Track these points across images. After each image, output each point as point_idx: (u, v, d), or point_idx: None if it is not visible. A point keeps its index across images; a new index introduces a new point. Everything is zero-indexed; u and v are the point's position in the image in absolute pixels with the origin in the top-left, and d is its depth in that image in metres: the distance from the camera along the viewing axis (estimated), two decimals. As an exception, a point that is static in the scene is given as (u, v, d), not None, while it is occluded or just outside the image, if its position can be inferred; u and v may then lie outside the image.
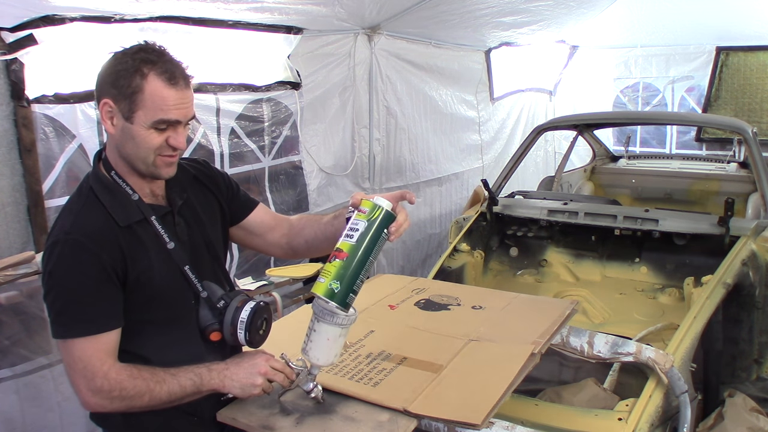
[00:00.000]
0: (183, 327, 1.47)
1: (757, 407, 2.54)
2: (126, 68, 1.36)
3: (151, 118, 1.36)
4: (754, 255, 2.88)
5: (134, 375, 1.37)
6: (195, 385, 1.40)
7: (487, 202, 3.65)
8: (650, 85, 6.86)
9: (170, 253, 1.46)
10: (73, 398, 2.55)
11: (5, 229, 2.40)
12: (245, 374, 1.42)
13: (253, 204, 1.73)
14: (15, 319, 2.46)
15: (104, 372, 1.35)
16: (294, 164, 3.86)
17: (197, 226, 1.56)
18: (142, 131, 1.37)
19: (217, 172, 1.70)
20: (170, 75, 1.36)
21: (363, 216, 1.37)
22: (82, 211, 1.40)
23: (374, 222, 1.36)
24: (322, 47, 3.83)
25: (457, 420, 1.37)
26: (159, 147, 1.39)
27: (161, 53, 1.39)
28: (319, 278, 1.36)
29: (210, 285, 1.51)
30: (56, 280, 1.35)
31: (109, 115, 1.39)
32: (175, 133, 1.40)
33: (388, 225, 1.38)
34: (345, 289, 1.34)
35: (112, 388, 1.35)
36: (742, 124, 3.79)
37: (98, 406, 1.38)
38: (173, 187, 1.53)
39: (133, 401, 1.37)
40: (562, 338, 1.86)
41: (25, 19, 2.30)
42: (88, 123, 2.63)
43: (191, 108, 1.42)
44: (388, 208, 1.38)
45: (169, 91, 1.36)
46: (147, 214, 1.45)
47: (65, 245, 1.35)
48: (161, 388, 1.37)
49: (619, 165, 5.12)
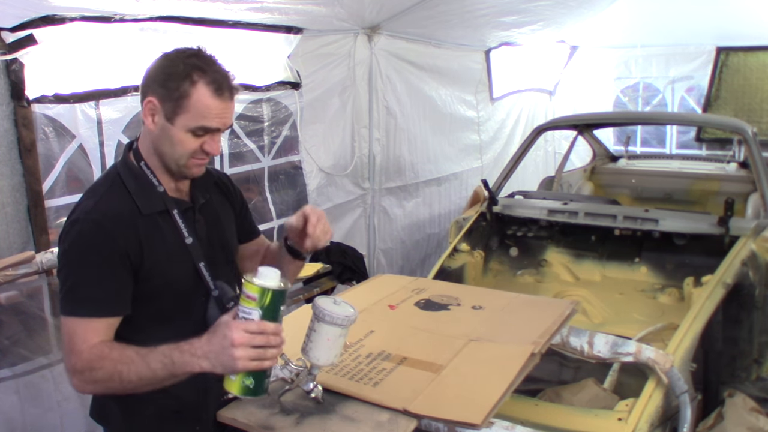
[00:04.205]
0: (190, 323, 1.47)
1: (757, 407, 2.54)
2: (177, 72, 1.38)
3: (192, 123, 1.39)
4: (754, 255, 2.88)
5: (104, 355, 1.31)
6: (166, 368, 1.27)
7: (487, 202, 3.65)
8: (650, 85, 6.86)
9: (188, 248, 1.48)
10: (73, 398, 2.56)
11: (5, 229, 2.40)
12: (219, 350, 1.23)
13: (253, 234, 1.77)
14: (15, 319, 2.46)
15: (80, 350, 1.33)
16: (294, 164, 3.87)
17: (216, 226, 1.58)
18: (181, 134, 1.41)
19: (235, 187, 1.74)
20: (218, 86, 1.40)
21: (253, 303, 1.23)
22: (106, 194, 1.43)
23: (267, 307, 1.23)
24: (322, 47, 3.83)
25: (457, 420, 1.36)
26: (194, 151, 1.43)
27: (213, 62, 1.42)
28: (229, 375, 1.26)
29: (222, 285, 1.52)
30: (70, 258, 1.37)
31: (152, 112, 1.42)
32: (211, 139, 1.44)
33: (283, 301, 1.26)
34: (259, 380, 1.28)
35: (84, 368, 1.32)
36: (742, 124, 3.79)
37: (80, 388, 1.36)
38: (198, 186, 1.57)
39: (105, 384, 1.31)
40: (562, 338, 1.86)
41: (25, 19, 2.30)
42: (88, 123, 2.63)
43: (231, 118, 1.47)
44: (276, 287, 1.24)
45: (215, 101, 1.39)
46: (170, 206, 1.47)
47: (85, 224, 1.37)
48: (129, 370, 1.28)
49: (619, 165, 5.11)
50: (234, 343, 1.21)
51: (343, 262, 3.84)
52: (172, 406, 1.50)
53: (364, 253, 4.26)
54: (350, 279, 3.80)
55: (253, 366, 1.24)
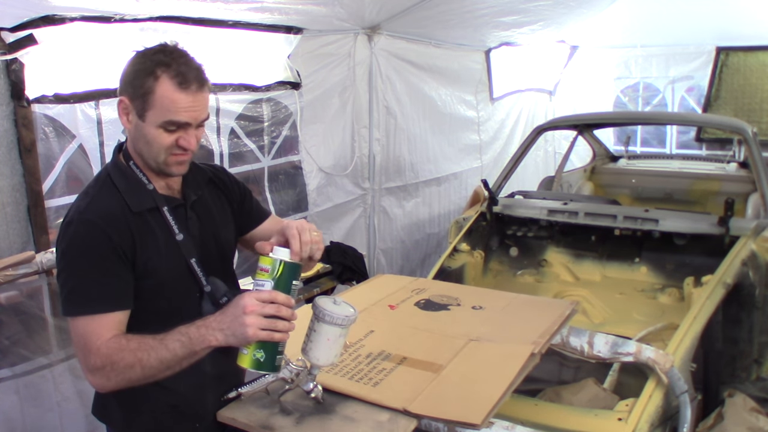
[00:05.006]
0: (186, 320, 1.47)
1: (757, 407, 2.54)
2: (143, 68, 1.40)
3: (160, 118, 1.39)
4: (754, 255, 2.88)
5: (122, 347, 1.33)
6: (184, 346, 1.31)
7: (487, 202, 3.65)
8: (650, 85, 6.86)
9: (178, 244, 1.48)
10: (73, 398, 2.56)
11: (5, 229, 2.40)
12: (231, 319, 1.29)
13: (262, 217, 1.75)
14: (15, 319, 2.46)
15: (97, 347, 1.34)
16: (293, 164, 3.86)
17: (209, 223, 1.59)
18: (152, 130, 1.41)
19: (232, 179, 1.72)
20: (182, 79, 1.38)
21: (266, 275, 1.31)
22: (97, 195, 1.45)
23: (279, 278, 1.31)
24: (322, 47, 3.83)
25: (457, 420, 1.37)
26: (169, 147, 1.43)
27: (179, 55, 1.41)
28: (242, 349, 1.31)
29: (215, 281, 1.53)
30: (68, 260, 1.39)
31: (125, 111, 1.44)
32: (186, 134, 1.43)
33: (295, 275, 1.33)
34: (270, 354, 1.31)
35: (104, 364, 1.33)
36: (742, 124, 3.79)
37: (100, 386, 1.38)
38: (190, 184, 1.57)
39: (126, 374, 1.33)
40: (562, 338, 1.86)
41: (25, 19, 2.30)
42: (88, 123, 2.63)
43: (203, 111, 1.44)
44: (288, 258, 1.32)
45: (179, 95, 1.38)
46: (159, 203, 1.48)
47: (79, 225, 1.39)
48: (149, 356, 1.32)
49: (619, 165, 5.12)
50: (246, 310, 1.26)
51: (343, 262, 3.84)
52: (170, 402, 1.50)
53: (364, 253, 4.26)
54: (350, 279, 3.80)
55: (264, 336, 1.28)
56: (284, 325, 1.30)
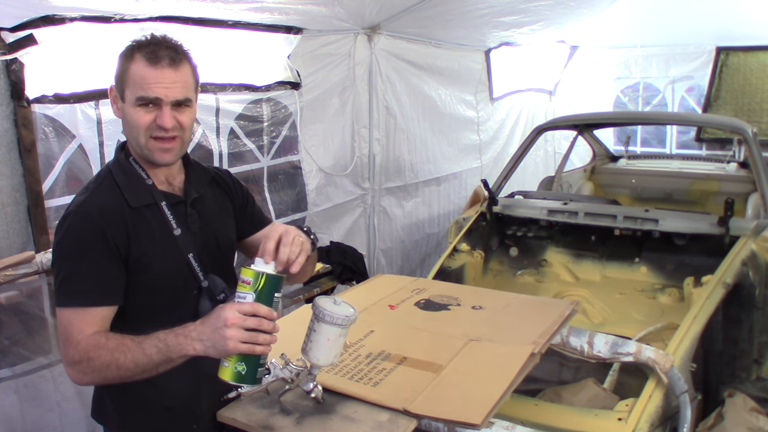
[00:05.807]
0: (183, 316, 1.46)
1: (756, 407, 2.54)
2: (123, 53, 1.45)
3: (134, 95, 1.42)
4: (754, 255, 2.88)
5: (101, 345, 1.33)
6: (161, 352, 1.29)
7: (487, 202, 3.65)
8: (650, 85, 6.86)
9: (176, 240, 1.49)
10: (73, 398, 2.56)
11: (5, 229, 2.39)
12: (212, 330, 1.25)
13: (263, 223, 1.75)
14: (15, 319, 2.46)
15: (77, 341, 1.35)
16: (293, 164, 3.86)
17: (210, 221, 1.59)
18: (130, 109, 1.44)
19: (236, 182, 1.73)
20: (153, 55, 1.41)
21: (248, 287, 1.27)
22: (96, 190, 1.47)
23: (261, 291, 1.27)
24: (322, 47, 3.83)
25: (457, 420, 1.36)
26: (147, 127, 1.44)
27: (156, 39, 1.44)
28: (222, 362, 1.28)
29: (213, 277, 1.53)
30: (61, 250, 1.41)
31: (114, 99, 1.48)
32: (161, 112, 1.43)
33: (277, 287, 1.30)
34: (251, 367, 1.29)
35: (81, 359, 1.34)
36: (742, 124, 3.79)
37: (77, 379, 1.38)
38: (192, 182, 1.58)
39: (102, 372, 1.33)
40: (562, 338, 1.86)
41: (25, 19, 2.30)
42: (87, 123, 2.63)
43: (177, 89, 1.44)
44: (272, 271, 1.30)
45: (149, 70, 1.41)
46: (158, 198, 1.50)
47: (74, 217, 1.41)
48: (125, 358, 1.30)
49: (619, 165, 5.12)
50: (227, 322, 1.22)
51: (343, 262, 3.84)
52: (165, 402, 1.51)
53: (364, 253, 4.26)
54: (350, 279, 3.80)
55: (245, 349, 1.24)
56: (265, 338, 1.26)
